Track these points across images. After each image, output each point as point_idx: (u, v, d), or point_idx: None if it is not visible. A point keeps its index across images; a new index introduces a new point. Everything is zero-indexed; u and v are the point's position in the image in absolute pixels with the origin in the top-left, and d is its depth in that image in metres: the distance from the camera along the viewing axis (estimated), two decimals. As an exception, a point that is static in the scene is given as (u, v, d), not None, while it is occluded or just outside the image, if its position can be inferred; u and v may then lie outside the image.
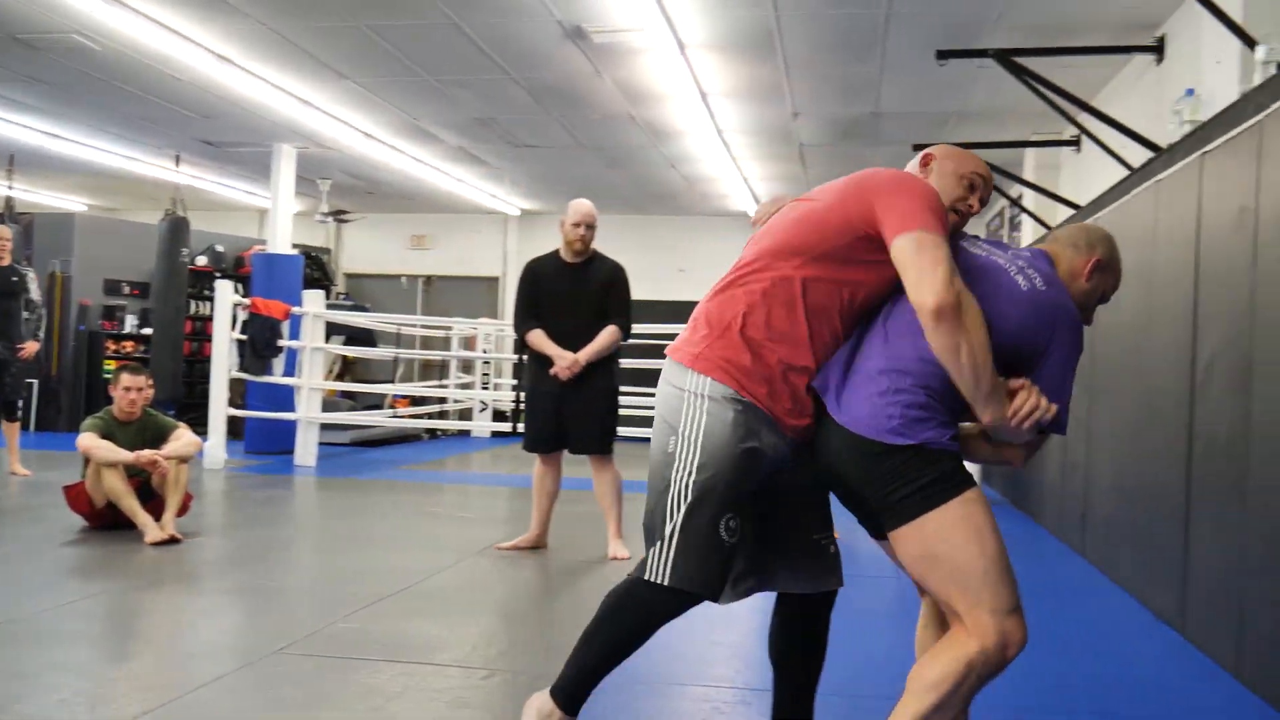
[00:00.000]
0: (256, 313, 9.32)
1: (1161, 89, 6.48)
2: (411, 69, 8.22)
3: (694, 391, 2.32)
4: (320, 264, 14.17)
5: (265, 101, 9.24)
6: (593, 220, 5.48)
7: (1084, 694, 3.46)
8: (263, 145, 11.18)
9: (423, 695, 3.13)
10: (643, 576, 2.34)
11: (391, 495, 7.78)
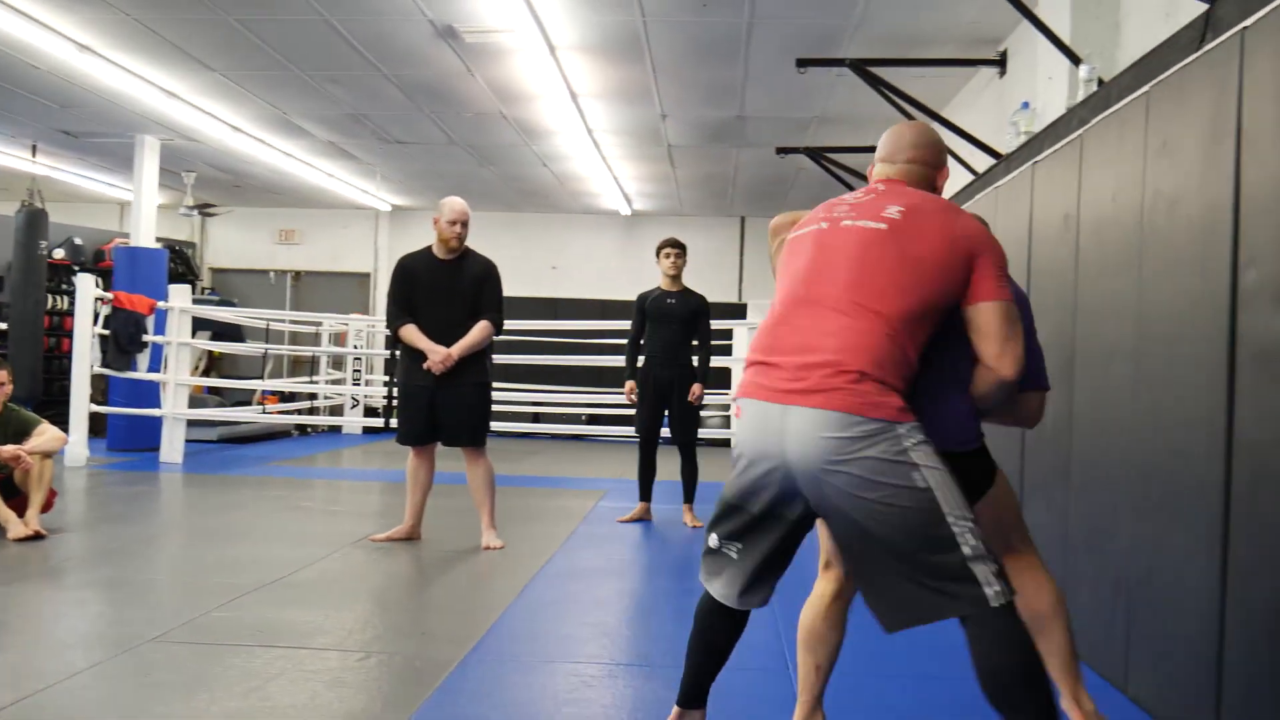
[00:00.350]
0: (120, 307, 9.14)
1: (1003, 101, 6.91)
2: (281, 63, 8.18)
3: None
4: (184, 258, 13.86)
5: (128, 92, 9.05)
6: (467, 218, 5.60)
7: (906, 659, 3.72)
8: (125, 136, 10.91)
9: (300, 676, 3.23)
10: (991, 606, 2.14)
11: (261, 491, 7.76)
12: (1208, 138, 2.95)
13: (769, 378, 2.30)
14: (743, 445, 2.34)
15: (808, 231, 2.48)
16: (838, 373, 2.20)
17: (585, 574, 5.07)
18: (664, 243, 6.73)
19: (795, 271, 2.42)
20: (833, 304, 2.29)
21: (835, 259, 2.35)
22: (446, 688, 3.18)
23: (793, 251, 2.49)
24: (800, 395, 2.21)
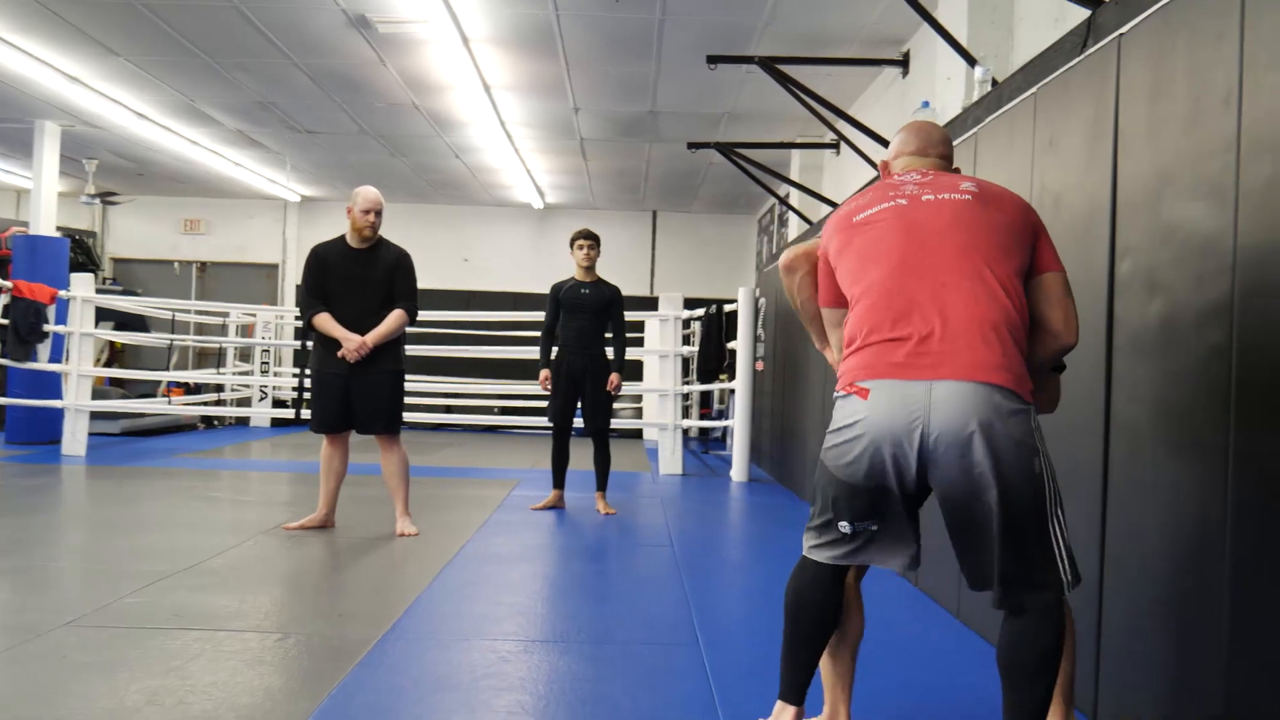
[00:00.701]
0: (20, 296, 8.93)
1: (905, 100, 7.15)
2: (189, 49, 8.09)
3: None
4: (85, 248, 13.55)
5: (28, 76, 8.86)
6: (381, 207, 5.63)
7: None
8: (23, 122, 10.66)
9: (219, 657, 3.27)
10: (1059, 597, 2.29)
11: (168, 482, 7.67)
12: (1089, 136, 3.15)
13: (902, 354, 2.30)
14: (868, 426, 2.29)
15: (885, 208, 2.48)
16: (982, 342, 2.26)
17: (500, 558, 5.15)
18: (577, 234, 6.83)
19: (890, 246, 2.42)
20: (951, 270, 2.34)
21: (935, 226, 2.40)
22: (366, 664, 3.24)
23: (873, 230, 2.47)
24: (948, 369, 2.25)
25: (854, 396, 2.33)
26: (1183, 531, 2.54)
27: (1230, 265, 2.36)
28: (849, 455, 2.34)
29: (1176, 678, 2.56)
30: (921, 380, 2.26)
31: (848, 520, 2.40)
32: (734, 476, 9.17)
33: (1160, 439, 2.66)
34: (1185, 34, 2.63)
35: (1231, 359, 2.34)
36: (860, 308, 2.42)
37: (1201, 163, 2.51)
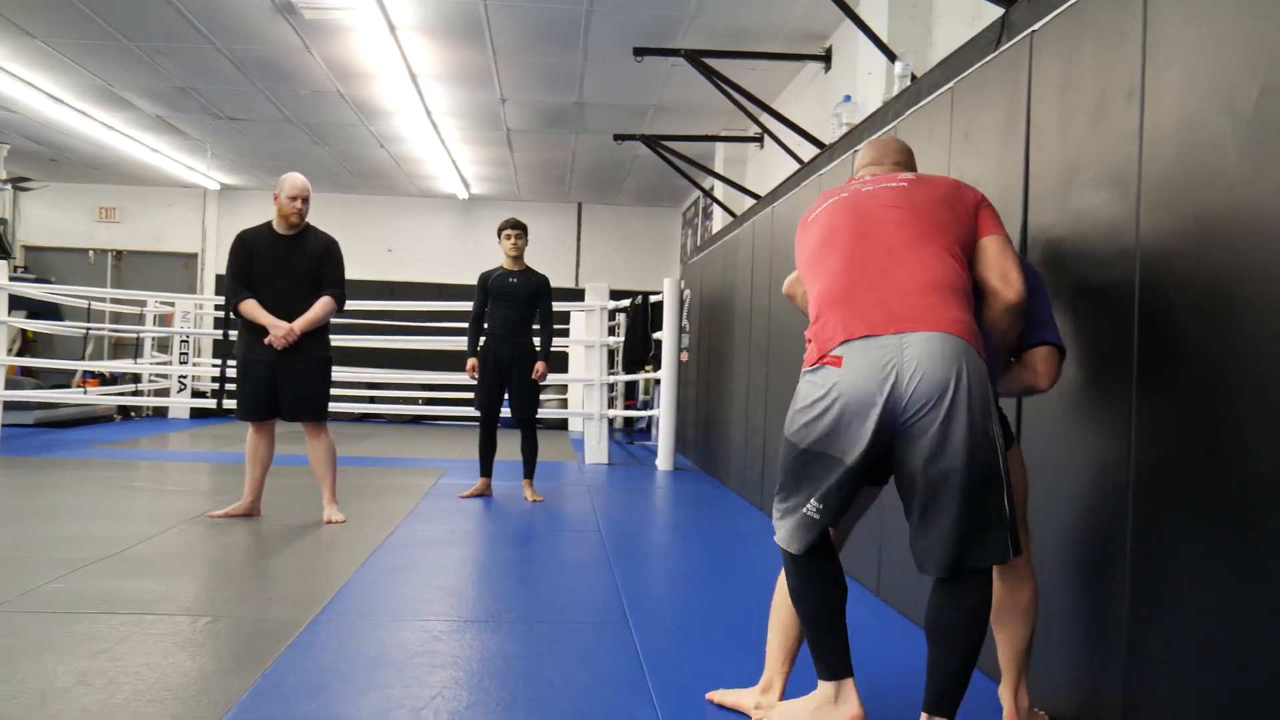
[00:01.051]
0: (-72, 283, 8.70)
1: (828, 94, 7.29)
2: (108, 31, 7.94)
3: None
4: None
5: (-63, 57, 8.63)
6: (308, 194, 5.60)
7: (755, 616, 4.00)
8: (-70, 104, 10.38)
9: (149, 639, 3.26)
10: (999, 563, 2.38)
11: (85, 472, 7.55)
12: (1003, 129, 3.28)
13: (865, 315, 2.37)
14: (843, 388, 2.34)
15: (830, 204, 2.64)
16: (939, 300, 2.35)
17: (429, 543, 5.18)
18: (505, 223, 6.85)
19: (838, 231, 2.55)
20: (894, 239, 2.46)
21: (874, 207, 2.55)
22: (298, 644, 3.27)
23: (823, 222, 2.62)
24: (914, 324, 2.32)
25: (826, 366, 2.39)
26: (1088, 504, 2.68)
27: (1133, 248, 2.50)
28: (822, 424, 2.38)
29: (1086, 652, 2.70)
30: (890, 334, 2.33)
31: (816, 498, 2.41)
32: (659, 465, 9.26)
33: (1067, 414, 2.79)
34: (1092, 32, 2.76)
35: (1134, 336, 2.47)
36: (818, 289, 2.52)
37: (1107, 153, 2.64)
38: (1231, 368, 2.13)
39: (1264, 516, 2.00)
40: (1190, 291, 2.28)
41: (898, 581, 4.10)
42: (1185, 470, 2.27)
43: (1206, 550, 2.18)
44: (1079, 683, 2.70)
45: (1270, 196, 2.03)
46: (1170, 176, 2.37)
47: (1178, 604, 2.28)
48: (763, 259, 6.95)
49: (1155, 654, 2.36)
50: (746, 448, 7.35)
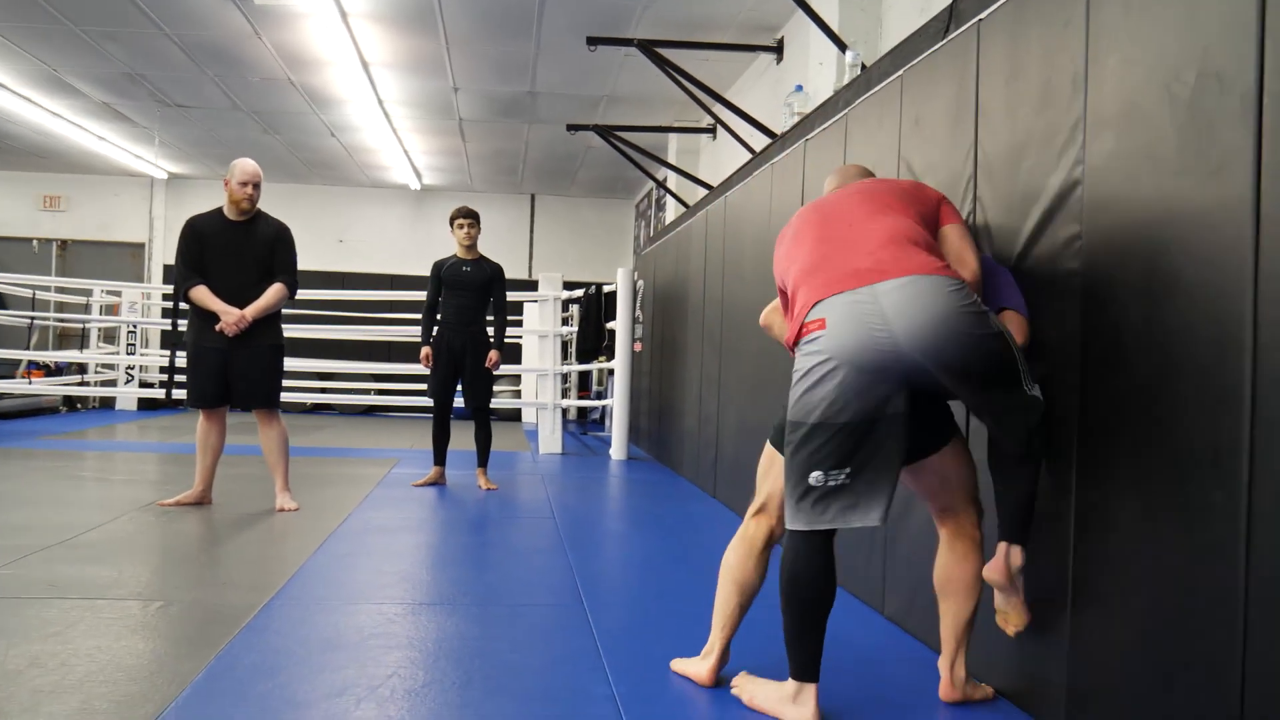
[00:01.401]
0: None
1: (780, 85, 7.36)
2: (53, 15, 7.82)
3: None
4: (-65, 223, 12.96)
5: (-125, 40, 8.45)
6: (259, 179, 5.56)
7: (708, 597, 4.04)
8: None
9: (101, 623, 3.24)
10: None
11: (30, 462, 7.44)
12: (951, 115, 3.34)
13: (833, 278, 2.47)
14: (835, 349, 2.40)
15: (798, 214, 2.80)
16: (905, 249, 2.46)
17: (383, 530, 5.17)
18: (457, 213, 6.84)
19: (808, 224, 2.69)
20: (860, 216, 2.59)
21: (839, 202, 2.70)
22: (252, 627, 3.26)
23: (793, 228, 2.76)
24: (879, 273, 2.41)
25: (814, 335, 2.44)
26: (1033, 480, 2.75)
27: (1078, 231, 2.56)
28: (823, 390, 2.42)
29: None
30: (862, 287, 2.41)
31: (820, 470, 2.44)
32: (613, 455, 9.30)
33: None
34: (1037, 20, 2.82)
35: (1078, 316, 2.54)
36: (793, 278, 2.61)
37: (1052, 138, 2.70)
38: (1172, 347, 2.19)
39: (1205, 489, 2.07)
40: (1132, 272, 2.34)
41: (851, 559, 4.15)
42: (1128, 447, 2.34)
43: (1148, 525, 2.25)
44: (1024, 657, 2.76)
45: (1208, 177, 2.09)
46: (1113, 159, 2.43)
47: (1120, 577, 2.34)
48: (715, 249, 6.99)
49: (1097, 627, 2.43)
50: (699, 436, 7.40)
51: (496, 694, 2.74)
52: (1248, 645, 1.95)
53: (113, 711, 2.46)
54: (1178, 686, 2.13)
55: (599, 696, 2.73)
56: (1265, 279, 1.93)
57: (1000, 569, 2.59)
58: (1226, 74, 2.05)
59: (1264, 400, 1.92)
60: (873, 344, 2.38)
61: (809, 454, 2.46)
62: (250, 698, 2.61)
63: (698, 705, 2.74)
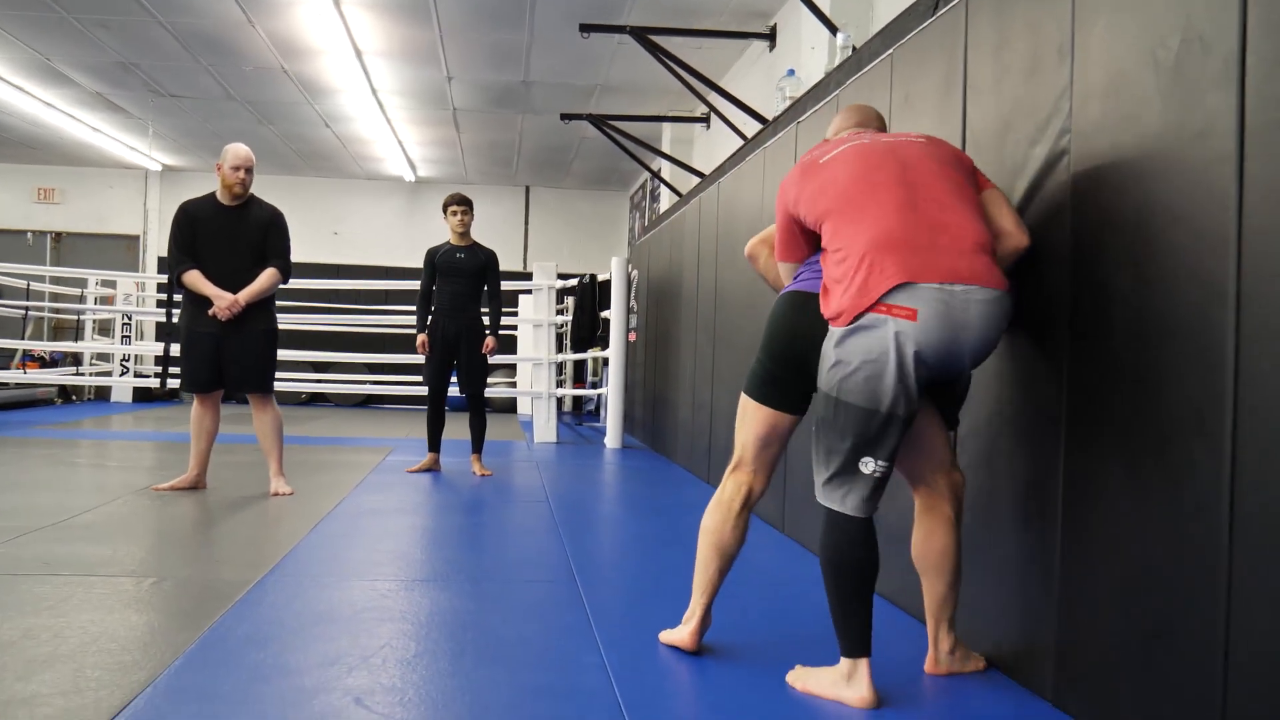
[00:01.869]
0: None
1: (773, 73, 7.36)
2: (45, 3, 7.81)
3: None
4: (-71, 215, 12.95)
5: None
6: (251, 164, 5.56)
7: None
8: None
9: (95, 598, 3.25)
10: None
11: (25, 450, 7.45)
12: (941, 90, 3.36)
13: (931, 263, 2.39)
14: (923, 345, 2.37)
15: (853, 146, 2.65)
16: (990, 259, 2.44)
17: (377, 513, 5.19)
18: (450, 200, 6.85)
19: (883, 172, 2.55)
20: (946, 196, 2.51)
21: (915, 161, 2.58)
22: (246, 601, 3.27)
23: (852, 162, 2.60)
24: (975, 276, 2.39)
25: (902, 321, 2.36)
26: (1022, 450, 2.76)
27: (1065, 200, 2.58)
28: (903, 382, 2.39)
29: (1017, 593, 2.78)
30: (958, 285, 2.38)
31: (873, 458, 2.43)
32: (608, 443, 9.31)
33: (1001, 362, 2.87)
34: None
35: (1066, 284, 2.56)
36: (862, 227, 2.47)
37: (1039, 109, 2.72)
38: (1157, 309, 2.21)
39: (1189, 449, 2.09)
40: (1119, 238, 2.36)
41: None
42: (1114, 410, 2.35)
43: (1134, 487, 2.26)
44: (1013, 626, 2.78)
45: (1192, 140, 2.11)
46: (1099, 127, 2.45)
47: (1107, 540, 2.36)
48: (708, 236, 7.00)
49: (1085, 593, 2.45)
50: (694, 423, 7.41)
51: (488, 663, 2.76)
52: (1232, 603, 1.96)
53: (105, 679, 2.47)
54: (1163, 647, 2.15)
55: (590, 665, 2.75)
56: (1249, 239, 1.95)
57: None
58: (1209, 37, 2.06)
59: (1247, 359, 1.94)
60: (952, 346, 2.40)
61: (868, 441, 2.44)
62: (243, 666, 2.62)
63: (687, 673, 2.76)
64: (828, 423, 2.49)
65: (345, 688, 2.48)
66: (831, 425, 2.48)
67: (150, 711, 2.27)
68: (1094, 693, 2.39)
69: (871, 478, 2.46)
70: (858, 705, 2.47)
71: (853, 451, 2.45)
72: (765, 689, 2.62)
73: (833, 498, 2.50)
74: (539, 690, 2.54)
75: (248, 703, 2.36)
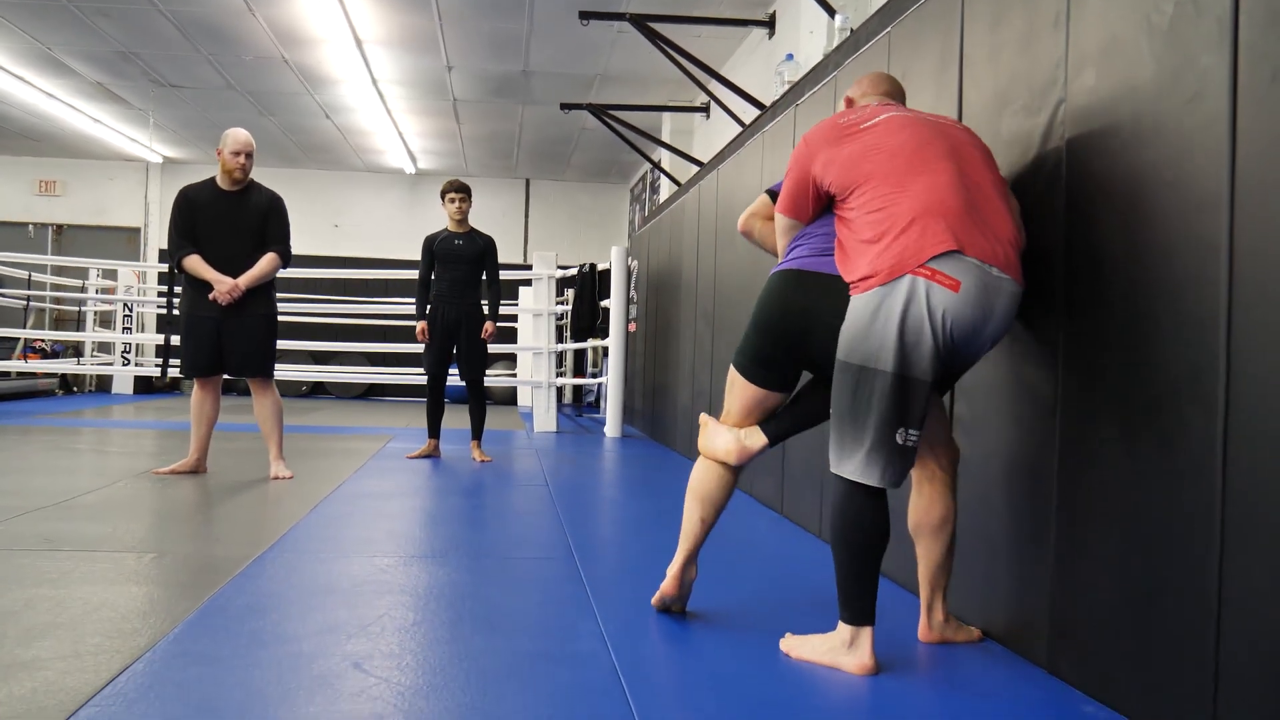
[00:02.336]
0: None
1: (772, 60, 7.36)
2: (46, -8, 7.83)
3: None
4: (-70, 207, 12.97)
5: None
6: (252, 149, 5.57)
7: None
8: None
9: (95, 572, 3.26)
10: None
11: (26, 437, 7.46)
12: (937, 66, 3.37)
13: (981, 241, 2.39)
14: (956, 315, 2.36)
15: (896, 116, 2.61)
16: (1019, 254, 2.46)
17: (377, 495, 5.20)
18: (447, 187, 6.86)
19: (934, 146, 2.53)
20: (990, 186, 2.52)
21: (961, 144, 2.58)
22: (246, 574, 3.29)
23: (901, 129, 2.56)
24: (1011, 269, 2.41)
25: (944, 290, 2.35)
26: (1018, 422, 2.78)
27: (1060, 170, 2.59)
28: (937, 350, 2.39)
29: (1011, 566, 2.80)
30: (999, 270, 2.39)
31: (907, 426, 2.42)
32: (608, 432, 9.33)
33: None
34: (1022, -36, 2.85)
35: (1060, 256, 2.57)
36: (913, 190, 2.45)
37: (1034, 79, 2.73)
38: (1151, 275, 2.22)
39: (1182, 410, 2.09)
40: (1114, 202, 2.37)
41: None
42: (1109, 373, 2.36)
43: (1128, 450, 2.27)
44: (1008, 596, 2.79)
45: (1186, 103, 2.12)
46: (1092, 94, 2.46)
47: (1101, 506, 2.37)
48: (708, 222, 7.01)
49: (1079, 560, 2.46)
50: (692, 409, 7.42)
51: (486, 631, 2.77)
52: (1224, 564, 1.97)
53: (105, 645, 2.48)
54: (1156, 610, 2.16)
55: (587, 633, 2.76)
56: (1241, 198, 1.96)
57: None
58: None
59: (1240, 317, 1.95)
60: (979, 328, 2.41)
61: (904, 411, 2.41)
62: (241, 634, 2.64)
63: (683, 638, 2.78)
64: (857, 394, 2.44)
65: (344, 653, 2.49)
66: (862, 397, 2.43)
67: (149, 674, 2.28)
68: (1088, 657, 2.41)
69: (906, 448, 2.43)
70: (857, 672, 2.47)
71: (888, 423, 2.41)
72: (759, 655, 2.63)
73: (869, 473, 2.44)
74: (536, 655, 2.56)
75: (246, 666, 2.37)
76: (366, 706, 2.13)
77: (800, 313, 2.68)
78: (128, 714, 2.03)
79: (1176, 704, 2.09)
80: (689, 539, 2.92)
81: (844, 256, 2.54)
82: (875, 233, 2.44)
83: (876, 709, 2.31)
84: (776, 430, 2.87)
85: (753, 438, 2.84)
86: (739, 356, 2.88)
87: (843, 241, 2.56)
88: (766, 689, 2.40)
